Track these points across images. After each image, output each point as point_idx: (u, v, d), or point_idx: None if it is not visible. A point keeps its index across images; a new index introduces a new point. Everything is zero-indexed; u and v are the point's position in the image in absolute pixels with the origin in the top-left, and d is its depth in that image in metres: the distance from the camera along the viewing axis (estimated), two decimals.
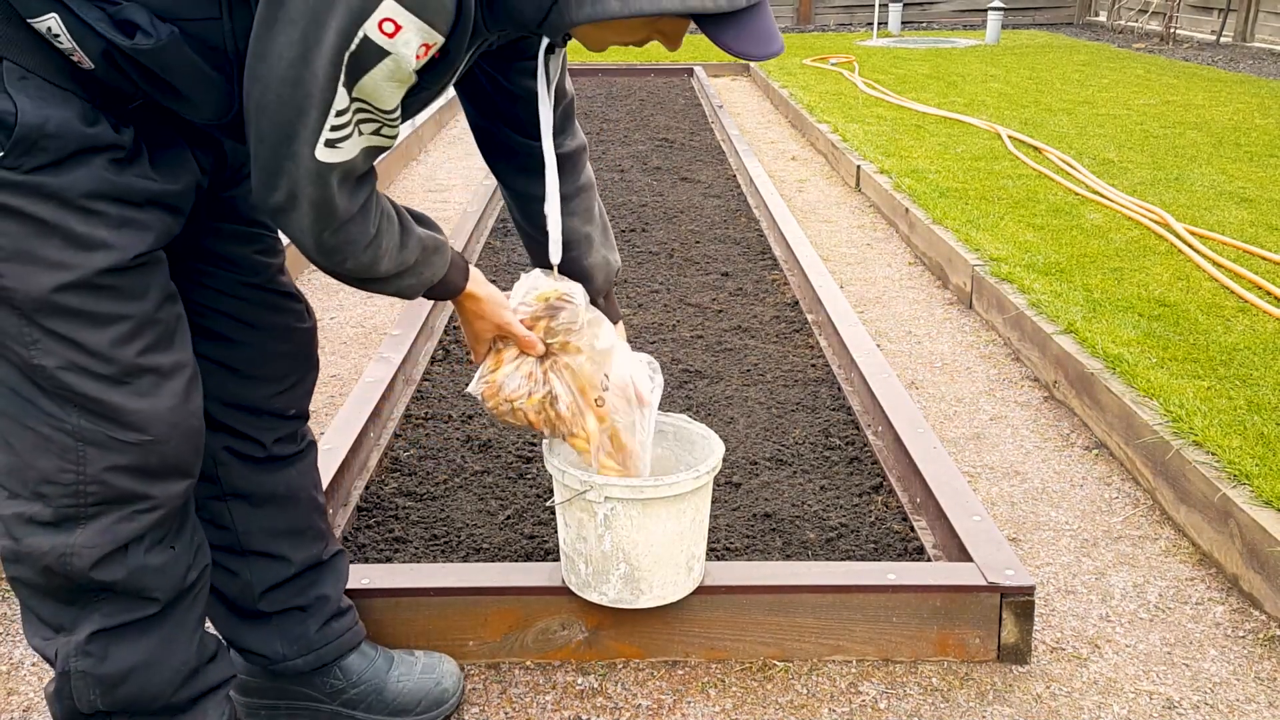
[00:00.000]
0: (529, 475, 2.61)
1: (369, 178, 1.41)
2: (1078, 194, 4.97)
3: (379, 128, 1.35)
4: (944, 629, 2.02)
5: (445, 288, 1.60)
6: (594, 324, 1.77)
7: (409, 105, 1.41)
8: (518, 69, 1.65)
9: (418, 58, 1.28)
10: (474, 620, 2.01)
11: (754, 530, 2.38)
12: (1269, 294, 3.60)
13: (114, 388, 1.37)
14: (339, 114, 1.28)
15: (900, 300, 4.03)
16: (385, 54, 1.25)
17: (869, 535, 2.36)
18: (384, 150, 1.39)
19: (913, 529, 2.37)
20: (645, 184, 5.57)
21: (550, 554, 2.28)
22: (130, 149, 1.35)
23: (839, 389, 3.09)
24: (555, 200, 1.69)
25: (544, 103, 1.62)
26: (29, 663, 2.03)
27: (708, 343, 3.46)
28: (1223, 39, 11.50)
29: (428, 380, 3.17)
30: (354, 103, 1.29)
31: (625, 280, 4.04)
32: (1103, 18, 14.14)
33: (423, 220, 1.55)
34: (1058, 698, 1.95)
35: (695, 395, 3.06)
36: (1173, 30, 11.82)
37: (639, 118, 7.58)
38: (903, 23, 13.74)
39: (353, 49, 1.24)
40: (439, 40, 1.29)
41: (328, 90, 1.26)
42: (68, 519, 1.39)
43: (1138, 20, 12.79)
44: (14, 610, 2.18)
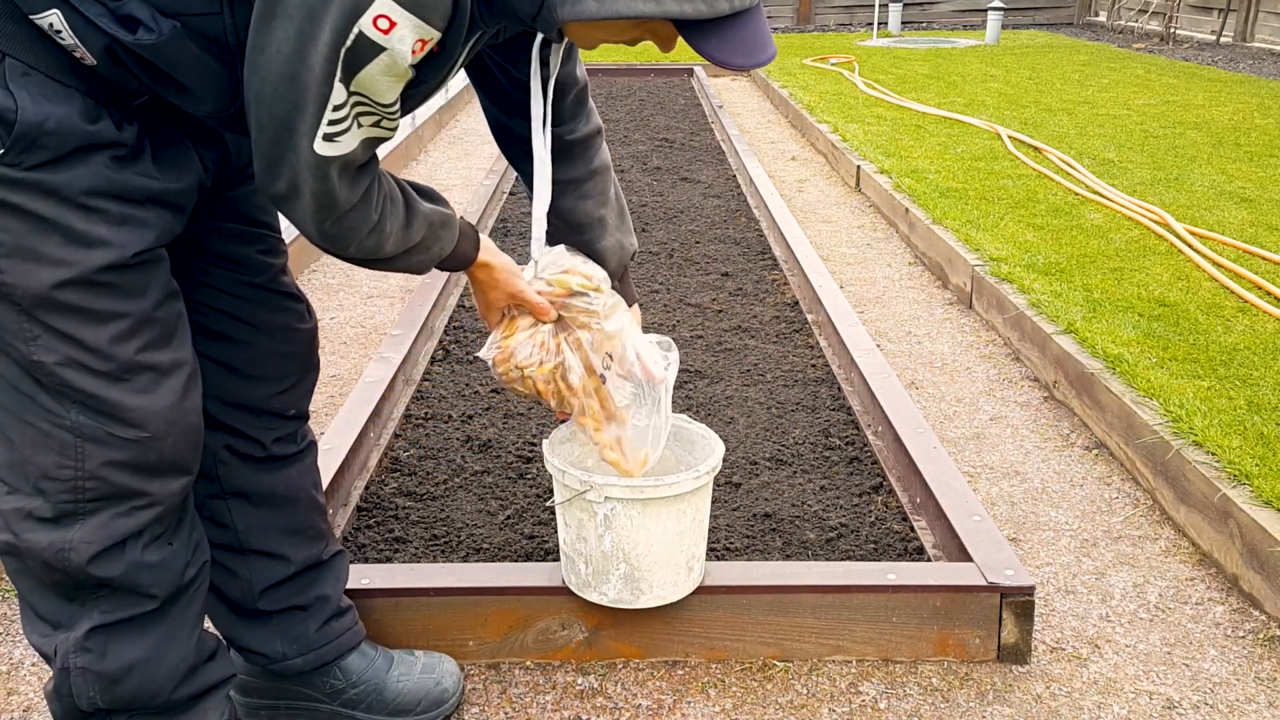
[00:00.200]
0: (529, 475, 2.61)
1: (370, 167, 1.41)
2: (1078, 194, 4.97)
3: (379, 120, 1.35)
4: (944, 629, 2.02)
5: (456, 259, 1.60)
6: (613, 308, 1.77)
7: (409, 98, 1.41)
8: (527, 59, 1.65)
9: (414, 53, 1.27)
10: (474, 620, 2.00)
11: (754, 530, 2.38)
12: (1269, 294, 3.60)
13: (112, 384, 1.37)
14: (336, 108, 1.28)
15: (900, 300, 4.03)
16: (381, 50, 1.25)
17: (869, 535, 2.36)
18: (385, 140, 1.39)
19: (913, 529, 2.37)
20: (645, 184, 5.56)
21: (550, 554, 2.28)
22: (133, 147, 1.35)
23: (839, 389, 3.09)
24: (543, 198, 1.69)
25: (536, 97, 1.62)
26: (29, 663, 2.03)
27: (708, 343, 3.46)
28: (1223, 39, 11.51)
29: (428, 380, 3.17)
30: (352, 96, 1.29)
31: None
32: (1103, 18, 14.15)
33: (430, 195, 1.55)
34: (1058, 698, 1.95)
35: (695, 395, 3.06)
36: (1173, 30, 11.82)
37: (639, 118, 7.58)
38: (903, 23, 13.74)
39: (348, 45, 1.24)
40: (435, 35, 1.28)
41: (324, 85, 1.26)
42: (66, 514, 1.40)
43: (1138, 20, 12.79)
44: (14, 610, 2.18)
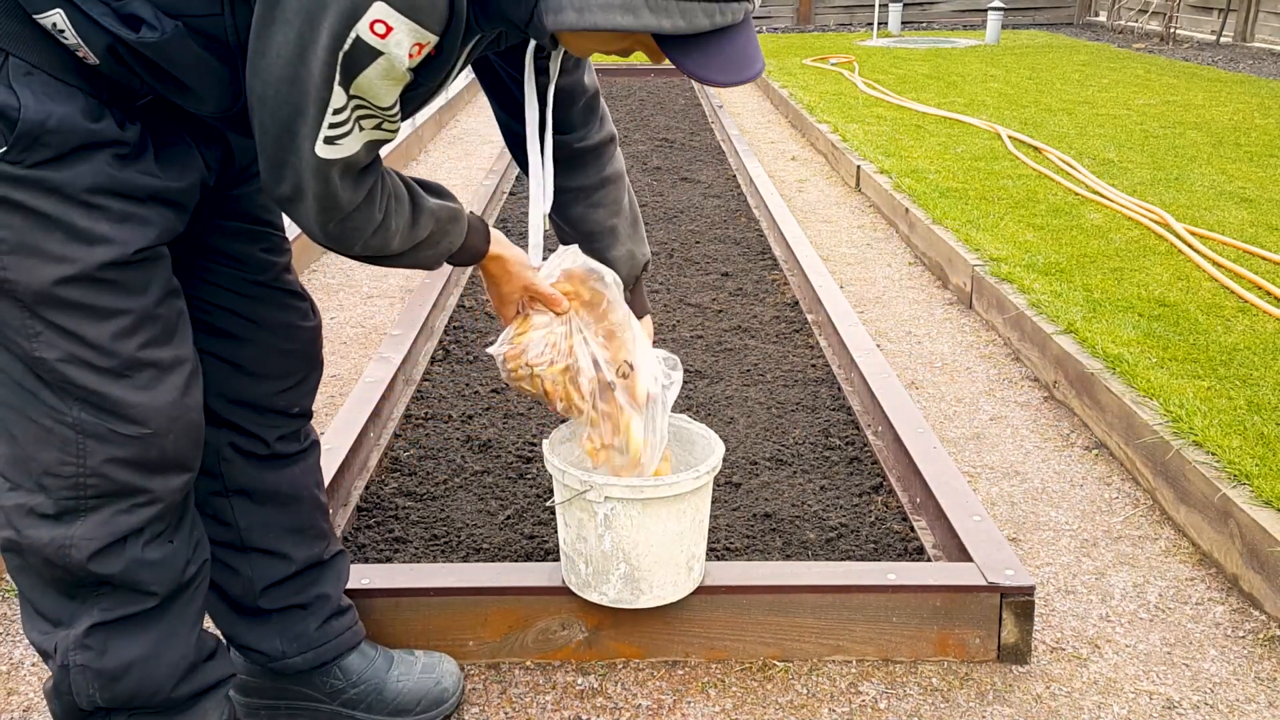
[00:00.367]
0: (529, 475, 2.61)
1: (373, 168, 1.41)
2: (1078, 194, 4.97)
3: (379, 123, 1.35)
4: (944, 629, 2.02)
5: (467, 253, 1.60)
6: (617, 306, 1.76)
7: (409, 101, 1.41)
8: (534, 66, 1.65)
9: (411, 56, 1.28)
10: (474, 620, 2.00)
11: (754, 530, 2.38)
12: (1269, 294, 3.60)
13: (114, 381, 1.37)
14: (336, 112, 1.29)
15: (900, 300, 4.03)
16: (378, 54, 1.25)
17: (869, 535, 2.36)
18: (387, 142, 1.39)
19: (913, 529, 2.37)
20: (645, 184, 5.56)
21: (550, 554, 2.28)
22: (135, 145, 1.36)
23: (839, 389, 3.09)
24: (540, 204, 1.67)
25: (530, 103, 1.61)
26: (29, 663, 2.03)
27: (708, 343, 3.46)
28: (1223, 39, 11.51)
29: (428, 380, 3.17)
30: (352, 100, 1.29)
31: None
32: (1103, 18, 14.15)
33: (436, 191, 1.55)
34: (1058, 698, 1.95)
35: (695, 395, 3.06)
36: (1173, 30, 11.82)
37: (639, 118, 7.58)
38: (903, 23, 13.74)
39: (346, 49, 1.24)
40: (432, 39, 1.29)
41: (324, 89, 1.26)
42: (68, 511, 1.40)
43: (1138, 20, 12.79)
44: (14, 610, 2.18)
